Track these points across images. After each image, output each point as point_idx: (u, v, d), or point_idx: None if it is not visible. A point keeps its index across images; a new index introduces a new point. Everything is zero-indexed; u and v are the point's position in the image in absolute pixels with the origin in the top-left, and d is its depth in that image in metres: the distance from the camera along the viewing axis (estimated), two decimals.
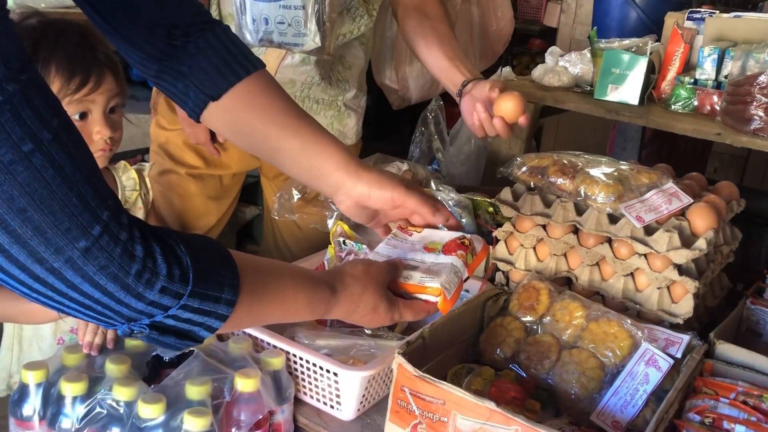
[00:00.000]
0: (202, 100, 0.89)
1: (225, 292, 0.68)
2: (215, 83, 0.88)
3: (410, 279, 0.92)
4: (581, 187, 1.19)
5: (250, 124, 0.91)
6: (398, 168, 1.54)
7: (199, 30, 0.89)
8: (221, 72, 0.89)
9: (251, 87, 0.90)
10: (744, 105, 1.39)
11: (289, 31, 1.23)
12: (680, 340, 1.06)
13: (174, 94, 0.91)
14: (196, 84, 0.89)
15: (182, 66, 0.88)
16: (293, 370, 1.06)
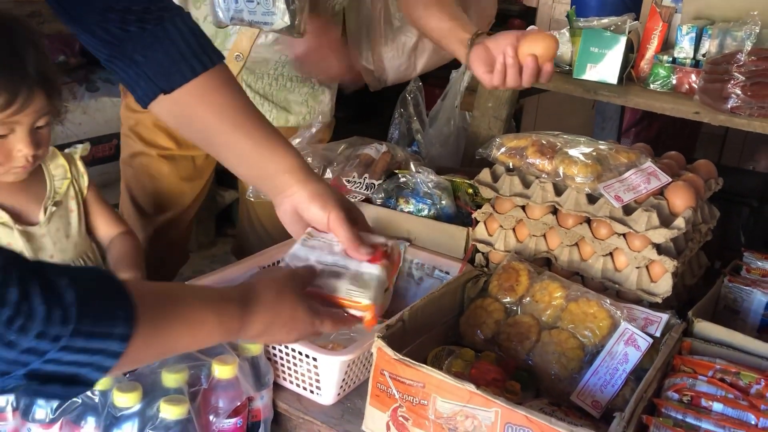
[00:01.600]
0: (153, 92, 0.87)
1: (117, 326, 0.61)
2: (169, 76, 0.85)
3: (337, 291, 0.88)
4: (560, 168, 1.19)
5: (202, 118, 0.89)
6: (377, 149, 1.53)
7: (156, 17, 0.85)
8: (177, 65, 0.85)
9: (206, 82, 0.87)
10: (722, 83, 1.38)
11: (258, 9, 1.21)
12: (659, 319, 1.06)
13: (123, 79, 0.88)
14: (149, 75, 0.85)
15: (136, 54, 0.85)
16: (272, 355, 1.05)
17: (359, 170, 1.47)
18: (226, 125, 0.89)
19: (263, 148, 0.91)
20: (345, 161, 1.50)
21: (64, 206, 1.19)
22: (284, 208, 0.93)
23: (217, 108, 0.89)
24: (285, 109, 1.52)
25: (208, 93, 0.88)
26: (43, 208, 1.15)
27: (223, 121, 0.89)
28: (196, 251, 2.87)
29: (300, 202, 0.91)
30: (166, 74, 0.85)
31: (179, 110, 0.89)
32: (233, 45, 1.40)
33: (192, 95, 0.87)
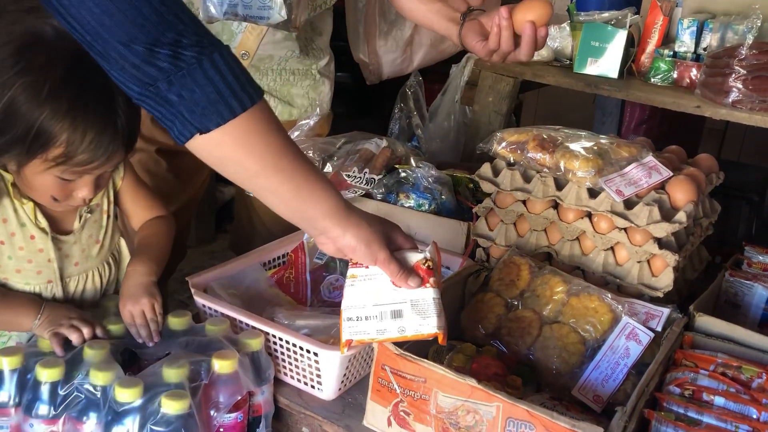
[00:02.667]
0: (189, 131, 0.82)
1: None
2: (205, 116, 0.81)
3: (406, 330, 0.91)
4: (561, 162, 1.18)
5: (242, 162, 0.86)
6: (377, 144, 1.52)
7: (193, 52, 0.80)
8: (214, 105, 0.81)
9: (245, 123, 0.83)
10: (723, 77, 1.38)
11: (253, 3, 1.20)
12: (660, 313, 1.06)
13: (158, 117, 0.84)
14: (184, 114, 0.81)
15: (170, 94, 0.80)
16: (272, 350, 1.05)
17: (359, 165, 1.46)
18: (267, 170, 0.86)
19: (303, 192, 0.89)
20: (345, 156, 1.50)
21: (99, 209, 1.15)
22: (328, 248, 0.94)
23: (257, 151, 0.85)
24: (288, 103, 1.52)
25: (247, 135, 0.84)
26: (79, 215, 1.12)
27: (263, 165, 0.86)
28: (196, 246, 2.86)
29: (344, 246, 0.92)
30: (203, 114, 0.81)
31: (217, 151, 0.85)
32: (239, 43, 1.40)
33: (230, 136, 0.83)
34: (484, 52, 1.25)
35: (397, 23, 1.78)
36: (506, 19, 1.19)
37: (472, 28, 1.27)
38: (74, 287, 1.13)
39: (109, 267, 1.18)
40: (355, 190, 1.42)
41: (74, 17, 0.77)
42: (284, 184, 0.88)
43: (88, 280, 1.14)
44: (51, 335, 0.99)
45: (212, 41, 0.83)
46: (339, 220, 0.91)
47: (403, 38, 1.87)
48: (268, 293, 1.22)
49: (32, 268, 1.08)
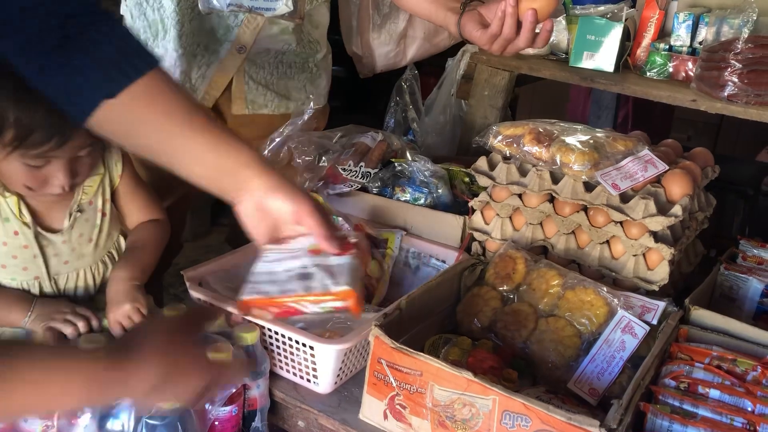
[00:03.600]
0: (96, 98, 0.81)
1: None
2: (113, 79, 0.80)
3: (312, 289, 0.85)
4: (557, 155, 1.18)
5: (153, 122, 0.84)
6: (372, 138, 1.52)
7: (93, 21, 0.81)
8: (119, 67, 0.81)
9: (152, 83, 0.83)
10: (718, 71, 1.38)
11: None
12: (656, 306, 1.06)
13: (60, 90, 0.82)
14: (92, 80, 0.80)
15: (74, 59, 0.79)
16: (268, 344, 1.05)
17: (355, 159, 1.46)
18: (178, 125, 0.85)
19: (219, 144, 0.86)
20: (341, 149, 1.49)
21: (92, 207, 1.14)
22: (246, 205, 0.89)
23: (167, 108, 0.85)
24: (285, 96, 1.51)
25: (155, 94, 0.84)
26: (68, 214, 1.11)
27: (174, 121, 0.85)
28: (191, 241, 2.86)
29: (264, 194, 0.88)
30: (109, 77, 0.81)
31: (126, 116, 0.84)
32: (236, 37, 1.39)
33: (139, 98, 0.82)
34: (484, 39, 1.24)
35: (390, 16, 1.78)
36: (512, 5, 1.19)
37: (472, 17, 1.27)
38: (65, 284, 1.12)
39: (105, 265, 1.17)
40: (351, 183, 1.42)
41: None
42: (197, 137, 0.86)
43: (80, 277, 1.13)
44: (45, 330, 0.99)
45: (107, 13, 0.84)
46: (258, 170, 0.88)
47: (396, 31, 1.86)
48: None
49: (17, 264, 1.07)
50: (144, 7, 1.37)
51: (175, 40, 1.35)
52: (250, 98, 1.46)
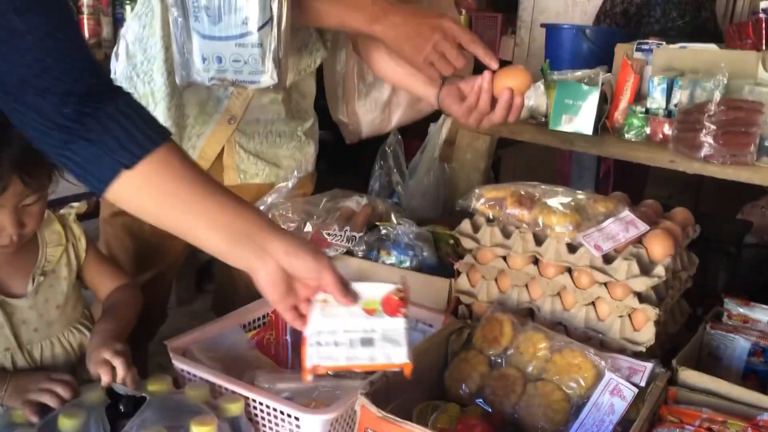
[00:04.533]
0: (114, 169, 0.83)
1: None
2: (129, 151, 0.83)
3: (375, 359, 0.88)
4: (539, 218, 1.20)
5: (172, 192, 0.86)
6: (357, 202, 1.53)
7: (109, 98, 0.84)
8: (135, 139, 0.83)
9: (168, 155, 0.86)
10: (694, 132, 1.42)
11: (245, 68, 1.22)
12: (644, 368, 1.05)
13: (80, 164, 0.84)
14: (108, 153, 0.82)
15: (91, 133, 0.82)
16: (253, 416, 1.03)
17: (340, 223, 1.47)
18: (199, 196, 0.87)
19: (238, 212, 0.88)
20: (325, 214, 1.50)
21: (55, 275, 1.13)
22: (267, 269, 0.89)
23: (182, 178, 0.86)
24: (275, 165, 1.53)
25: (170, 164, 0.86)
26: (32, 278, 1.09)
27: (189, 189, 0.86)
28: (176, 307, 2.82)
29: (285, 255, 0.88)
30: (126, 149, 0.83)
31: (143, 187, 0.86)
32: (226, 108, 1.42)
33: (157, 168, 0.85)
34: (461, 112, 1.29)
35: (375, 85, 1.82)
36: (488, 81, 1.25)
37: (451, 92, 1.31)
38: (40, 355, 1.09)
39: (80, 333, 1.15)
40: (336, 248, 1.42)
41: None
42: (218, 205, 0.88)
43: (55, 346, 1.11)
44: (23, 404, 0.97)
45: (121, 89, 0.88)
46: (279, 232, 0.89)
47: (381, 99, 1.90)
48: (248, 356, 1.20)
49: None
50: (135, 81, 1.40)
51: (165, 112, 1.37)
52: (242, 168, 1.48)
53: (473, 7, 4.28)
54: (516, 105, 1.26)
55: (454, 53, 1.24)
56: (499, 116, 1.27)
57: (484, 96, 1.26)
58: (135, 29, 1.39)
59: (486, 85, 1.25)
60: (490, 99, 1.26)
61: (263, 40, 1.21)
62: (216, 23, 1.20)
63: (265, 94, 1.43)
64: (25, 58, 0.78)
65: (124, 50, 1.41)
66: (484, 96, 1.26)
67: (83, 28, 2.76)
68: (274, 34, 1.21)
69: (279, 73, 1.24)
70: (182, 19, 1.19)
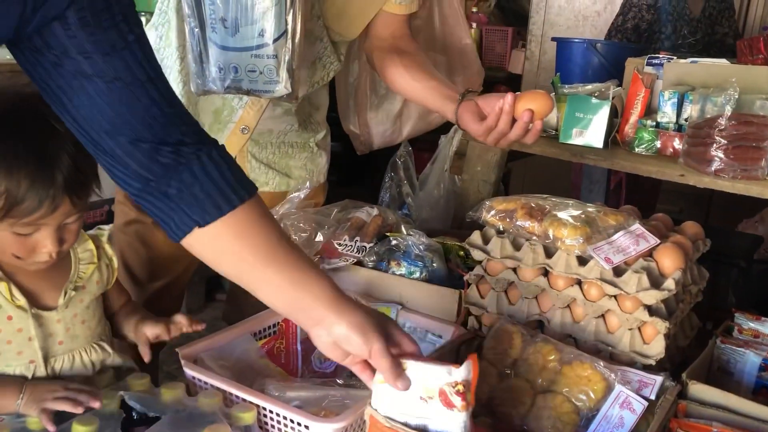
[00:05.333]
0: (187, 226, 0.85)
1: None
2: (204, 210, 0.84)
3: None
4: (549, 230, 1.20)
5: (238, 253, 0.87)
6: (368, 213, 1.54)
7: (194, 151, 0.85)
8: (212, 199, 0.84)
9: (242, 216, 0.87)
10: (705, 147, 1.42)
11: (260, 78, 1.24)
12: (653, 381, 1.05)
13: (155, 214, 0.87)
14: (183, 208, 0.84)
15: (170, 188, 0.84)
16: (263, 424, 1.03)
17: (350, 233, 1.47)
18: (261, 261, 0.88)
19: (297, 281, 0.89)
20: (336, 224, 1.51)
21: (86, 291, 1.14)
22: (323, 339, 0.91)
23: (253, 242, 0.88)
24: (287, 174, 1.54)
25: (243, 227, 0.87)
26: (63, 292, 1.10)
27: (258, 256, 0.88)
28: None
29: (339, 334, 0.89)
30: (202, 208, 0.84)
31: (214, 245, 0.87)
32: (240, 118, 1.43)
33: (227, 229, 0.86)
34: (480, 131, 1.31)
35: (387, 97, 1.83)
36: (510, 104, 1.27)
37: (469, 108, 1.33)
38: (60, 367, 1.10)
39: (100, 349, 1.16)
40: (346, 258, 1.43)
41: (84, 117, 0.80)
42: (279, 273, 0.88)
43: (75, 360, 1.12)
44: (40, 412, 0.97)
45: (210, 140, 0.88)
46: (335, 307, 0.89)
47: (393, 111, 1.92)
48: (258, 364, 1.21)
49: (12, 350, 1.05)
50: None
51: None
52: (252, 177, 1.49)
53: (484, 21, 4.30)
54: (535, 129, 1.28)
55: None
56: (516, 134, 1.29)
57: (505, 118, 1.28)
58: (152, 39, 1.41)
59: (507, 108, 1.27)
60: (510, 121, 1.28)
61: (278, 52, 1.23)
62: (233, 34, 1.22)
63: (279, 105, 1.45)
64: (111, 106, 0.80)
65: None
66: (505, 118, 1.28)
67: None
68: (289, 45, 1.23)
69: (292, 84, 1.26)
70: (198, 29, 1.21)
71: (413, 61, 1.45)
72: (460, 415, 0.87)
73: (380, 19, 1.47)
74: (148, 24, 1.46)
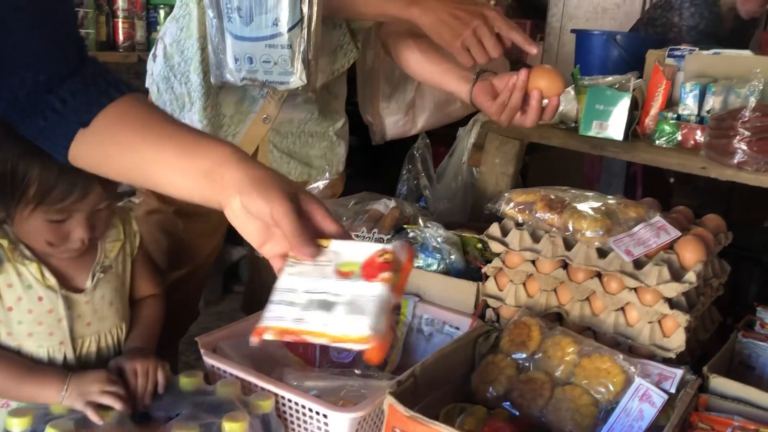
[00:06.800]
0: (72, 130, 0.83)
1: None
2: (87, 111, 0.83)
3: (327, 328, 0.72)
4: (569, 222, 1.19)
5: (122, 139, 0.84)
6: (385, 205, 1.54)
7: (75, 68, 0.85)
8: (94, 100, 0.84)
9: (123, 105, 0.85)
10: (727, 139, 1.40)
11: (275, 69, 1.24)
12: (673, 374, 1.05)
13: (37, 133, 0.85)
14: (68, 116, 0.83)
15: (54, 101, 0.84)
16: (281, 412, 1.04)
17: (368, 225, 1.47)
18: (149, 138, 0.83)
19: (192, 147, 0.81)
20: (354, 216, 1.51)
21: (112, 271, 1.16)
22: (232, 207, 0.78)
23: (137, 125, 0.84)
24: (307, 164, 1.55)
25: (125, 114, 0.85)
26: (91, 274, 1.13)
27: (143, 135, 0.83)
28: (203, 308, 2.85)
29: (240, 194, 0.76)
30: (85, 109, 0.84)
31: (98, 141, 0.84)
32: (261, 108, 1.44)
33: (109, 121, 0.84)
34: (493, 109, 1.30)
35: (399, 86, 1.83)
36: (522, 79, 1.26)
37: (484, 87, 1.32)
38: (86, 349, 1.12)
39: (120, 331, 1.18)
40: None
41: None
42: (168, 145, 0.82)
43: (100, 341, 1.14)
44: (85, 405, 0.99)
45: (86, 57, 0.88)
46: (237, 166, 0.78)
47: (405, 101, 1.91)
48: (276, 353, 1.21)
49: (43, 330, 1.08)
50: (171, 81, 1.42)
51: (200, 112, 1.39)
52: (274, 166, 1.50)
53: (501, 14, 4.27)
54: (551, 106, 1.27)
55: (492, 41, 1.24)
56: (530, 119, 1.28)
57: (517, 93, 1.27)
58: (173, 31, 1.42)
59: (520, 83, 1.26)
60: (521, 97, 1.27)
61: (293, 42, 1.22)
62: (247, 24, 1.22)
63: (299, 94, 1.45)
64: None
65: (162, 52, 1.44)
66: (517, 93, 1.27)
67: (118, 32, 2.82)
68: (304, 35, 1.22)
69: (308, 75, 1.25)
70: (217, 19, 1.22)
71: (428, 44, 1.45)
72: (380, 287, 0.73)
73: None
74: (169, 16, 1.46)
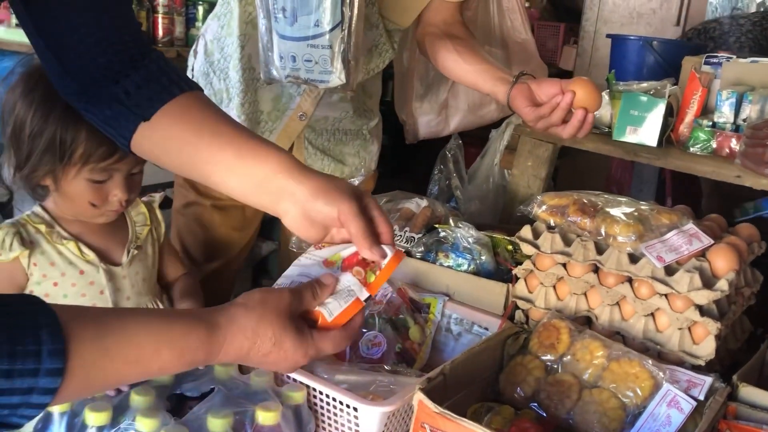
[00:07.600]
0: (134, 123, 0.86)
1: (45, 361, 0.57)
2: (150, 105, 0.86)
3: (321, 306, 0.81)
4: (601, 227, 1.20)
5: (181, 136, 0.86)
6: (417, 204, 1.56)
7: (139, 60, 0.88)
8: (157, 94, 0.86)
9: (183, 102, 0.87)
10: (763, 148, 1.39)
11: (315, 68, 1.26)
12: (702, 382, 1.05)
13: (102, 121, 0.88)
14: (131, 107, 0.85)
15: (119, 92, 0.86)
16: (312, 404, 1.06)
17: (400, 224, 1.49)
18: (205, 137, 0.85)
19: (248, 152, 0.84)
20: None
21: (144, 251, 1.25)
22: (292, 215, 0.83)
23: (195, 124, 0.87)
24: (341, 161, 1.57)
25: (185, 112, 0.87)
26: (126, 250, 1.22)
27: (201, 134, 0.85)
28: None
29: (305, 200, 0.82)
30: (148, 104, 0.86)
31: (161, 135, 0.87)
32: (297, 105, 1.47)
33: (170, 116, 0.86)
34: (531, 116, 1.32)
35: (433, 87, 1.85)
36: (567, 103, 1.29)
37: (522, 91, 1.34)
38: None
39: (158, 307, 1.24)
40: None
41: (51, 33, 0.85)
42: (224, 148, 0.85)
43: None
44: None
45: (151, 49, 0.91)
46: (294, 175, 0.82)
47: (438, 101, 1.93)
48: None
49: (87, 302, 1.15)
50: (210, 77, 1.46)
51: (238, 108, 1.42)
52: (309, 163, 1.53)
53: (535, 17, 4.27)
54: (587, 123, 1.29)
55: None
56: (569, 132, 1.32)
57: (559, 112, 1.29)
58: (214, 29, 1.45)
59: (564, 104, 1.29)
60: (564, 115, 1.30)
61: (333, 42, 1.25)
62: (291, 24, 1.25)
63: (336, 93, 1.48)
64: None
65: (203, 48, 1.48)
66: (559, 112, 1.29)
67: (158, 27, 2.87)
68: (344, 36, 1.25)
69: (347, 74, 1.28)
70: (265, 19, 1.25)
71: (465, 45, 1.47)
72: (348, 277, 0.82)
73: (433, 6, 1.50)
74: (211, 14, 1.50)
